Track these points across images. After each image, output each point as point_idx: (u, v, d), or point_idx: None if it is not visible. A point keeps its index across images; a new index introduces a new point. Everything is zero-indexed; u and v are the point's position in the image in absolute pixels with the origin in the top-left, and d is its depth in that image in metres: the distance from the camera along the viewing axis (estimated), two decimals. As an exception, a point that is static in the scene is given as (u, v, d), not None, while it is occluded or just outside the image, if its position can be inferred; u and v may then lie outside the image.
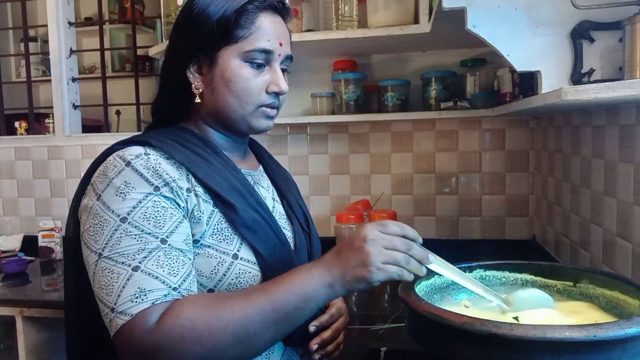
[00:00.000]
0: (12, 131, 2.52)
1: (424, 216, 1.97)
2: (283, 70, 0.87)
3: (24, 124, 2.54)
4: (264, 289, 0.70)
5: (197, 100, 0.83)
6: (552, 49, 0.99)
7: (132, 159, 0.73)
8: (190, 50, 0.82)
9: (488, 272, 0.91)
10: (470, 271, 0.90)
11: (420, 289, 0.80)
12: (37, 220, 2.20)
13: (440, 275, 0.78)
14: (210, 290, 0.76)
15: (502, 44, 1.01)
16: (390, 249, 0.69)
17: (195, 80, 0.83)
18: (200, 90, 0.83)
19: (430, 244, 0.76)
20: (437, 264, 0.76)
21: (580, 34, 0.97)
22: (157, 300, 0.65)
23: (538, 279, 0.89)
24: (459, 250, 1.89)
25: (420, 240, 0.74)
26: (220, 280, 0.76)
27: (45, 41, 2.45)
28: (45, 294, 1.65)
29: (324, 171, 2.05)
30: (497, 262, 0.91)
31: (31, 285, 1.79)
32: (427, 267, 0.74)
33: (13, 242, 2.18)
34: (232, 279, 0.76)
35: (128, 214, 0.69)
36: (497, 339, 0.58)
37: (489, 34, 1.02)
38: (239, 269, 0.76)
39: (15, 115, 2.58)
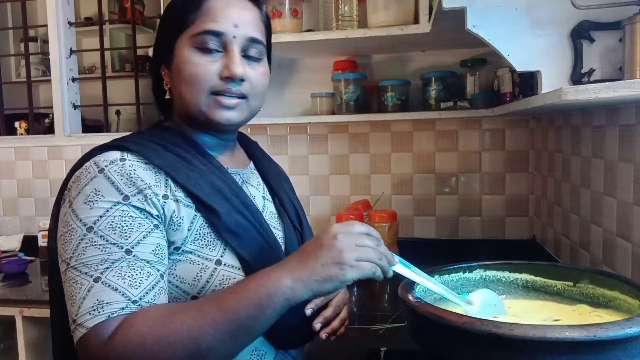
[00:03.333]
0: (12, 131, 2.52)
1: (424, 216, 1.97)
2: (250, 57, 0.79)
3: (24, 124, 2.54)
4: (217, 297, 0.65)
5: (167, 96, 0.82)
6: (552, 49, 0.99)
7: (106, 166, 0.70)
8: (159, 46, 0.81)
9: (488, 272, 0.91)
10: (470, 271, 0.90)
11: (420, 288, 0.80)
12: (37, 220, 2.20)
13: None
14: (194, 298, 0.73)
15: (502, 44, 1.01)
16: (361, 245, 0.66)
17: (166, 76, 0.81)
18: (169, 87, 0.81)
19: (430, 244, 0.76)
20: (402, 264, 0.74)
21: (580, 34, 0.97)
22: (113, 313, 0.63)
23: (538, 279, 0.89)
24: (459, 250, 1.90)
25: (382, 243, 0.71)
26: (203, 287, 0.73)
27: (45, 41, 2.45)
28: (45, 294, 1.64)
29: (324, 171, 2.05)
30: (497, 262, 0.91)
31: (31, 285, 1.79)
32: (391, 268, 0.71)
33: (13, 242, 2.18)
34: (216, 286, 0.73)
35: (94, 224, 0.67)
36: (497, 338, 0.58)
37: (489, 34, 1.02)
38: (223, 275, 0.73)
39: (15, 115, 2.58)
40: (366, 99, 1.89)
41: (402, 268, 0.74)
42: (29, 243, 2.15)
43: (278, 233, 0.85)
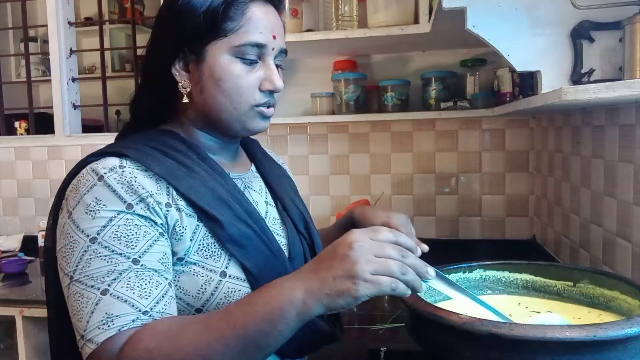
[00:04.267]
0: (12, 131, 2.52)
1: (424, 216, 1.97)
2: (277, 66, 0.80)
3: (24, 124, 2.54)
4: (227, 311, 0.61)
5: (185, 100, 0.77)
6: (552, 49, 0.99)
7: (105, 173, 0.67)
8: (175, 46, 0.75)
9: (488, 272, 0.90)
10: (470, 271, 0.90)
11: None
12: (37, 220, 2.20)
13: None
14: (198, 310, 0.71)
15: (502, 44, 1.01)
16: (381, 256, 0.58)
17: (182, 79, 0.76)
18: (188, 90, 0.77)
19: (430, 244, 0.75)
20: (439, 280, 0.67)
21: (580, 34, 0.97)
22: (123, 327, 0.60)
23: (538, 279, 0.88)
24: (459, 250, 1.90)
25: (419, 253, 0.63)
26: (208, 300, 0.70)
27: (45, 41, 2.46)
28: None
29: (324, 171, 2.05)
30: (497, 262, 0.91)
31: (31, 285, 1.79)
32: (426, 283, 0.63)
33: (13, 242, 2.18)
34: (221, 298, 0.70)
35: (98, 234, 0.64)
36: (497, 339, 0.58)
37: (489, 34, 1.02)
38: (228, 287, 0.71)
39: (15, 115, 2.58)
40: (366, 99, 1.89)
41: (439, 284, 0.67)
42: (29, 243, 2.15)
43: (281, 240, 0.83)
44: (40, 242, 2.06)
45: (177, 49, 0.76)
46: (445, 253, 1.94)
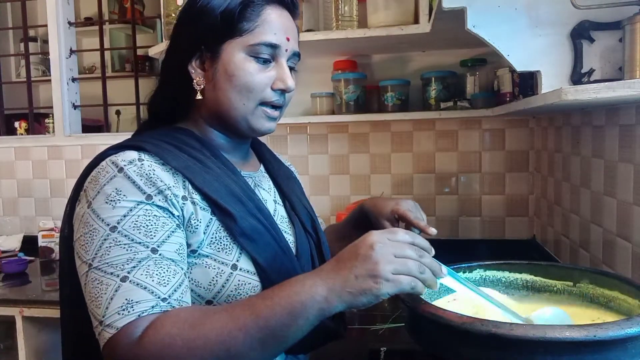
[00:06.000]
0: (12, 131, 2.52)
1: (424, 216, 1.97)
2: (290, 68, 0.83)
3: (24, 124, 2.54)
4: (250, 302, 0.63)
5: (199, 96, 0.80)
6: (552, 49, 0.99)
7: (124, 165, 0.70)
8: (192, 44, 0.79)
9: (488, 272, 0.90)
10: (470, 271, 0.90)
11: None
12: (37, 220, 2.20)
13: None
14: (209, 302, 0.73)
15: (502, 44, 1.01)
16: (400, 257, 0.61)
17: (197, 76, 0.79)
18: (202, 87, 0.79)
19: (430, 244, 0.75)
20: (452, 277, 0.70)
21: (580, 34, 0.97)
22: (143, 312, 0.62)
23: (538, 279, 0.89)
24: (459, 250, 1.90)
25: (433, 252, 0.67)
26: (219, 292, 0.72)
27: (45, 41, 2.46)
28: (45, 294, 1.64)
29: (324, 171, 2.05)
30: (497, 262, 0.91)
31: (31, 285, 1.78)
32: (438, 280, 0.66)
33: (13, 242, 2.18)
34: (232, 290, 0.72)
35: (118, 223, 0.66)
36: (496, 338, 0.58)
37: (489, 34, 1.02)
38: (239, 280, 0.73)
39: (15, 115, 2.58)
40: (366, 99, 1.89)
41: (451, 281, 0.70)
42: (29, 243, 2.15)
43: (289, 238, 0.84)
44: (41, 242, 2.06)
45: (194, 47, 0.79)
46: (445, 253, 1.95)
